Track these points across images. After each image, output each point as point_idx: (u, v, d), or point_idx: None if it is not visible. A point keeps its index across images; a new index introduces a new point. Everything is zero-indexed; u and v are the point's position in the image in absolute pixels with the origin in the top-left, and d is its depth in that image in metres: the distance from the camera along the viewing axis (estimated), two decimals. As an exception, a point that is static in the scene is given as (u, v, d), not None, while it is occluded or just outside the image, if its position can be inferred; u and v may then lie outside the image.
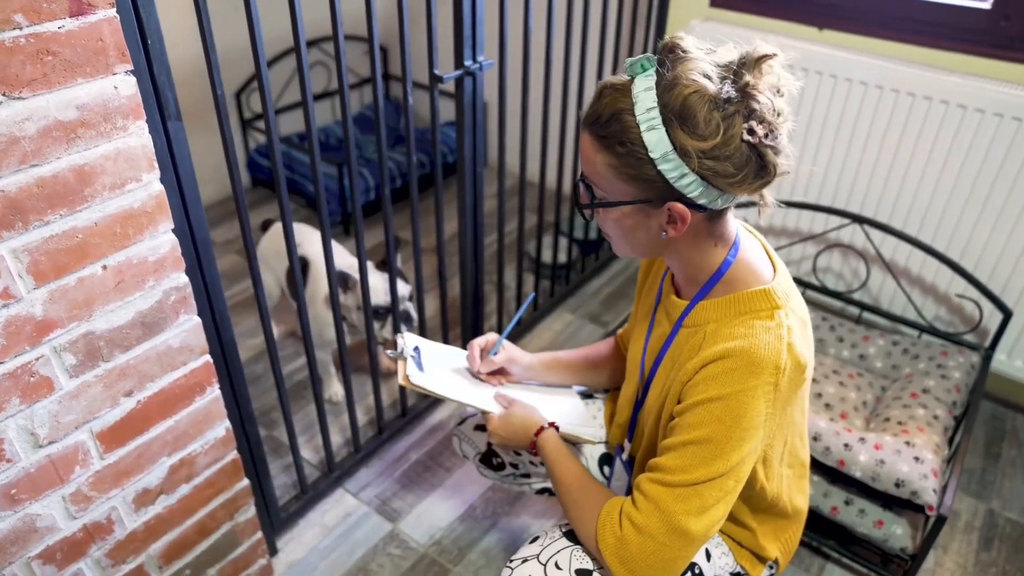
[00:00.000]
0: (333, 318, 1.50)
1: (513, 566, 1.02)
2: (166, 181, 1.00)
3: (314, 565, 1.55)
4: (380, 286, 1.70)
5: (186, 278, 1.05)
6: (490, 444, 1.32)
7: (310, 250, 1.81)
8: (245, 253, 1.25)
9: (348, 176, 1.37)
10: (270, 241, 1.96)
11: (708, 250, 0.92)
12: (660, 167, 0.81)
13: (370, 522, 1.64)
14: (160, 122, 0.99)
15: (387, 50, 3.19)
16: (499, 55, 1.61)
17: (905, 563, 1.47)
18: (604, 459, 1.26)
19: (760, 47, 0.81)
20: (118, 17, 0.84)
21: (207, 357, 1.13)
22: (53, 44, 0.79)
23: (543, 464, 1.26)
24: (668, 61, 0.82)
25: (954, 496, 1.40)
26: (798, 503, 1.10)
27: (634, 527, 0.88)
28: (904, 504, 1.44)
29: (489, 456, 1.33)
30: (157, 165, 0.95)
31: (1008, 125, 1.69)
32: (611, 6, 2.02)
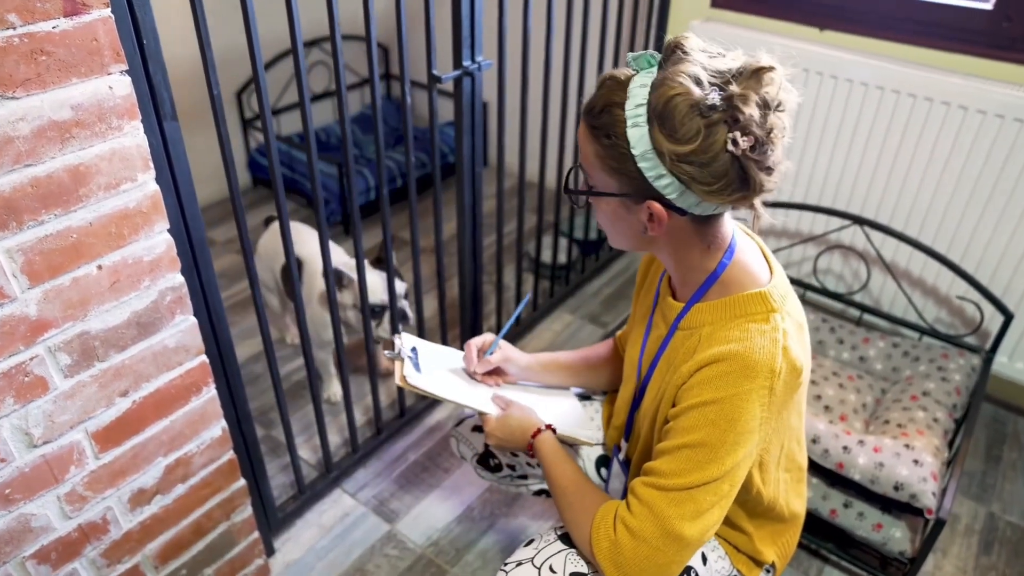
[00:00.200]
0: (331, 318, 1.50)
1: (508, 569, 1.01)
2: (162, 181, 1.00)
3: (311, 565, 1.55)
4: (376, 284, 1.70)
5: (182, 278, 1.05)
6: (487, 445, 1.31)
7: (304, 249, 1.81)
8: (241, 250, 1.25)
9: (350, 175, 1.37)
10: (268, 240, 1.96)
11: (700, 253, 0.92)
12: (640, 164, 0.82)
13: (367, 523, 1.64)
14: (156, 122, 0.99)
15: (388, 50, 3.19)
16: (498, 55, 1.61)
17: (904, 566, 1.46)
18: (601, 461, 1.25)
19: (761, 59, 0.80)
20: (113, 17, 0.84)
21: (203, 357, 1.13)
22: (47, 44, 0.79)
23: (540, 466, 1.26)
24: (668, 60, 0.81)
25: (954, 499, 1.39)
26: (795, 507, 1.09)
27: (628, 531, 0.88)
28: (903, 507, 1.43)
29: (486, 457, 1.32)
30: (152, 165, 0.95)
31: (1009, 126, 1.69)
32: (611, 6, 2.02)
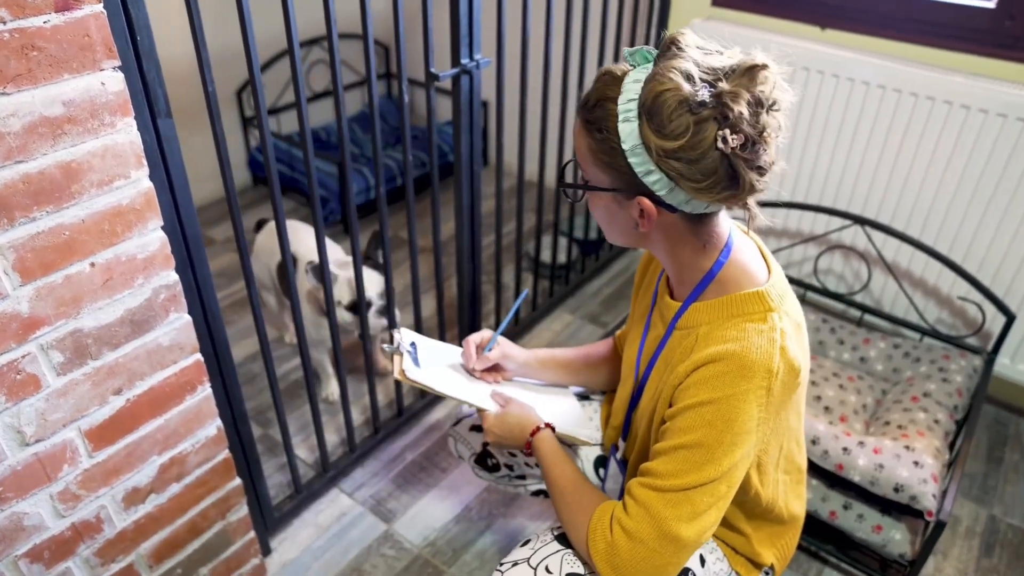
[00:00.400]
0: (328, 319, 1.49)
1: (503, 570, 1.01)
2: (156, 178, 0.99)
3: (307, 565, 1.54)
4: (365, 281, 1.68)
5: (176, 276, 1.04)
6: (485, 445, 1.30)
7: (301, 247, 1.80)
8: (237, 249, 1.24)
9: (347, 175, 1.36)
10: (265, 238, 1.96)
11: (695, 251, 0.91)
12: (629, 159, 0.82)
13: (364, 522, 1.63)
14: (150, 119, 0.98)
15: (388, 48, 3.18)
16: (497, 53, 1.60)
17: (904, 569, 1.45)
18: (600, 461, 1.25)
19: (755, 57, 0.79)
20: (105, 12, 0.83)
21: (198, 356, 1.12)
22: (38, 39, 0.78)
23: (538, 466, 1.25)
24: (664, 56, 0.81)
25: (954, 501, 1.38)
26: (794, 509, 1.08)
27: (625, 533, 0.87)
28: (903, 509, 1.42)
29: (484, 457, 1.31)
30: (146, 162, 0.94)
31: (1012, 126, 1.67)
32: (611, 4, 2.01)
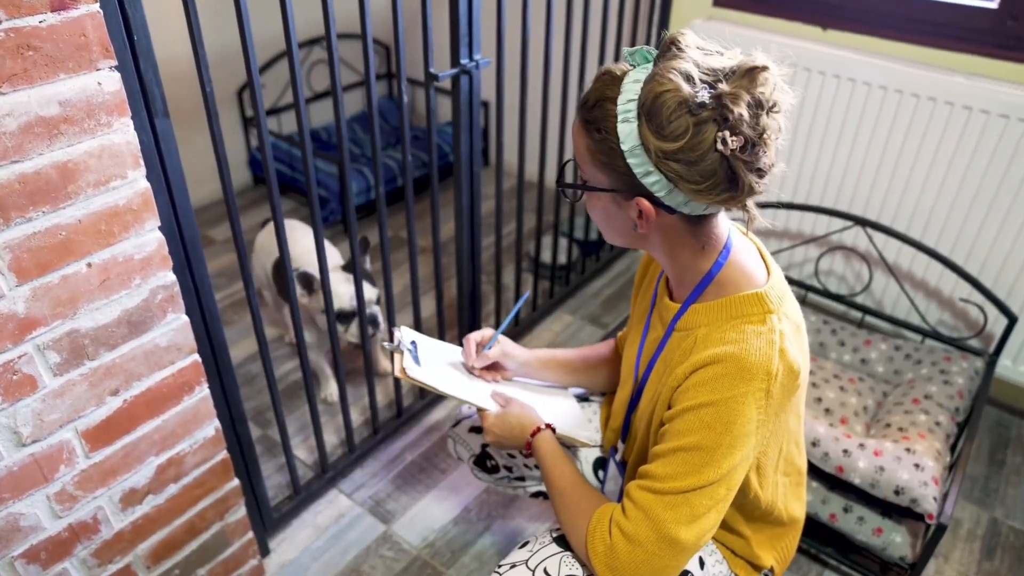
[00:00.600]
0: (328, 325, 1.49)
1: (502, 571, 1.00)
2: (153, 178, 0.99)
3: (306, 566, 1.54)
4: (345, 291, 1.68)
5: (173, 276, 1.04)
6: (484, 447, 1.30)
7: (296, 248, 1.80)
8: (236, 249, 1.24)
9: (345, 175, 1.36)
10: (265, 238, 1.96)
11: (693, 252, 0.90)
12: (628, 160, 0.81)
13: (363, 523, 1.63)
14: (147, 119, 0.98)
15: (389, 48, 3.18)
16: (496, 53, 1.60)
17: (905, 572, 1.44)
18: (599, 463, 1.24)
19: (755, 58, 0.79)
20: (101, 12, 0.83)
21: (195, 356, 1.12)
22: (34, 39, 0.78)
23: (537, 467, 1.24)
24: (663, 56, 0.80)
25: (955, 504, 1.37)
26: (794, 511, 1.07)
27: (624, 535, 0.87)
28: (904, 512, 1.41)
29: (483, 459, 1.31)
30: (143, 162, 0.94)
31: (1014, 127, 1.67)
32: (612, 4, 2.00)
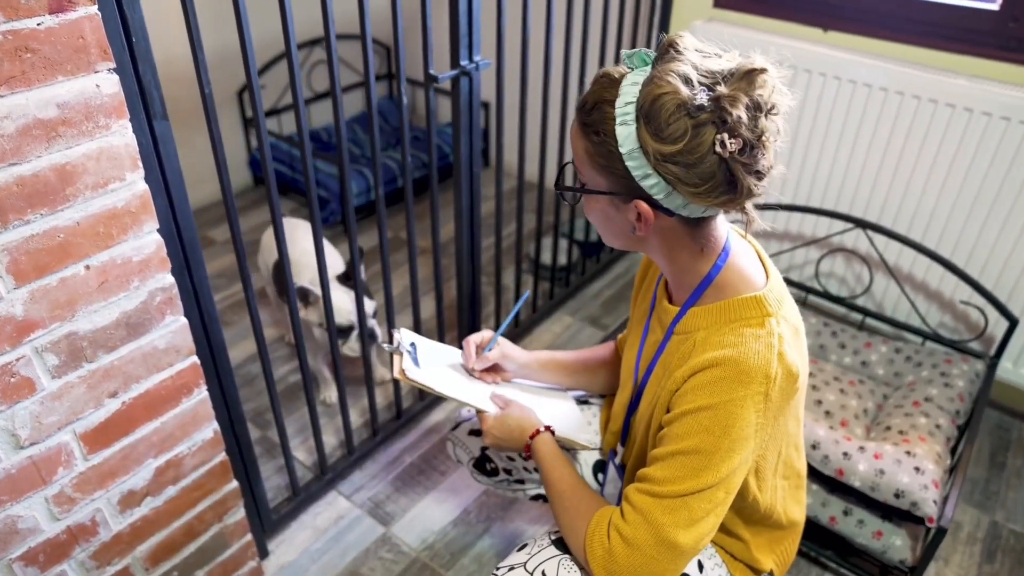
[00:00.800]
0: (329, 334, 1.49)
1: (500, 574, 1.00)
2: (152, 180, 0.99)
3: (305, 568, 1.54)
4: (345, 304, 1.68)
5: (172, 279, 1.04)
6: (484, 449, 1.30)
7: (296, 249, 1.80)
8: (235, 251, 1.24)
9: (345, 176, 1.36)
10: (268, 238, 1.95)
11: (692, 255, 0.90)
12: (627, 163, 0.81)
13: (362, 525, 1.63)
14: (146, 121, 0.98)
15: (389, 49, 3.18)
16: (496, 55, 1.60)
17: (905, 575, 1.44)
18: (599, 466, 1.24)
19: (754, 60, 0.79)
20: (99, 14, 0.83)
21: (194, 358, 1.12)
22: (32, 41, 0.78)
23: (537, 470, 1.24)
24: (662, 58, 0.80)
25: (955, 507, 1.37)
26: (793, 514, 1.07)
27: (622, 539, 0.87)
28: (904, 515, 1.41)
29: (483, 461, 1.31)
30: (141, 164, 0.94)
31: (1015, 129, 1.66)
32: (612, 6, 2.00)
